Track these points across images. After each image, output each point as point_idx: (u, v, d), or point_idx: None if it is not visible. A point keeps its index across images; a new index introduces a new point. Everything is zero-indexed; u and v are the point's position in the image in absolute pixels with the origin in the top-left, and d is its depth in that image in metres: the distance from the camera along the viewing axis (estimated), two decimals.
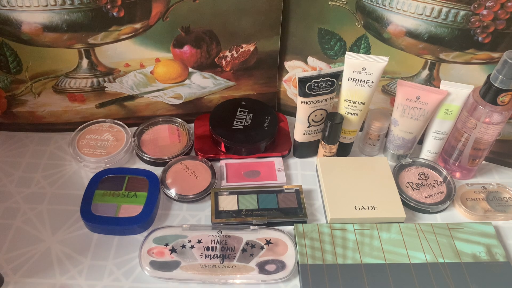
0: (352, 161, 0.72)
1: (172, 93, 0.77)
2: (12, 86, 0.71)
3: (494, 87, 0.60)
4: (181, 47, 0.71)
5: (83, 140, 0.73)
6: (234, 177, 0.71)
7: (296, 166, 0.74)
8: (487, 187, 0.70)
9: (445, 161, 0.73)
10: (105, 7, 0.63)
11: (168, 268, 0.58)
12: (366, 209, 0.65)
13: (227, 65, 0.74)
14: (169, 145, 0.74)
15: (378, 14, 0.64)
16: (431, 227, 0.64)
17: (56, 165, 0.72)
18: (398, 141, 0.72)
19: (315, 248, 0.60)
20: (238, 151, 0.73)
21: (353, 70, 0.64)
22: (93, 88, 0.73)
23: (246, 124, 0.74)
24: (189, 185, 0.68)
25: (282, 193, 0.67)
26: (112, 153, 0.71)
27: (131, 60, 0.71)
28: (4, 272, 0.58)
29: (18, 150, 0.74)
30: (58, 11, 0.63)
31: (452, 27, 0.61)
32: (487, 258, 0.60)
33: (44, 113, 0.75)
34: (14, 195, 0.67)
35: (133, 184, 0.67)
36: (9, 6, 0.61)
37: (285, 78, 0.78)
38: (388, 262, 0.59)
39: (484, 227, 0.64)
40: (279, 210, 0.65)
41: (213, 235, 0.61)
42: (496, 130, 0.65)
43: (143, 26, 0.67)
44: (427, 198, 0.68)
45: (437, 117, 0.68)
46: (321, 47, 0.71)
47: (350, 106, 0.68)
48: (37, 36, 0.65)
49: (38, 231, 0.63)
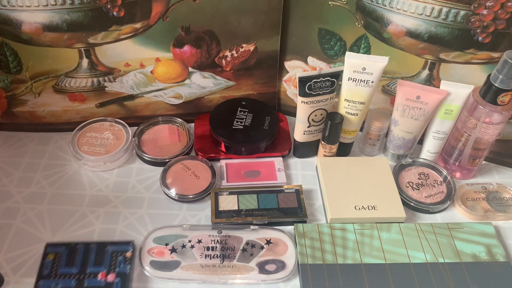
0: (352, 161, 0.72)
1: (172, 92, 0.77)
2: (12, 86, 0.71)
3: (494, 87, 0.60)
4: (181, 47, 0.71)
5: (83, 138, 0.73)
6: (234, 177, 0.71)
7: (296, 166, 0.74)
8: (487, 187, 0.70)
9: (445, 161, 0.73)
10: (105, 7, 0.63)
11: (168, 268, 0.58)
12: (366, 209, 0.65)
13: (227, 65, 0.74)
14: (169, 145, 0.74)
15: (378, 14, 0.64)
16: (431, 227, 0.64)
17: (56, 165, 0.72)
18: (398, 141, 0.72)
19: (315, 248, 0.60)
20: (238, 151, 0.73)
21: (353, 70, 0.64)
22: (93, 87, 0.73)
23: (246, 124, 0.74)
24: (189, 185, 0.68)
25: (282, 193, 0.67)
26: (111, 152, 0.71)
27: (131, 60, 0.71)
28: (4, 272, 0.58)
29: (18, 150, 0.74)
30: (58, 11, 0.63)
31: (452, 27, 0.61)
32: (487, 258, 0.60)
33: (44, 113, 0.75)
34: (14, 195, 0.67)
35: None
36: (9, 6, 0.61)
37: (285, 78, 0.78)
38: (388, 262, 0.59)
39: (484, 227, 0.64)
40: (279, 210, 0.65)
41: (213, 235, 0.61)
42: (496, 130, 0.65)
43: (143, 26, 0.67)
44: (427, 198, 0.68)
45: (437, 117, 0.68)
46: (321, 47, 0.71)
47: (350, 106, 0.68)
48: (37, 35, 0.65)
49: (38, 231, 0.63)
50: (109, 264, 0.58)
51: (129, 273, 0.57)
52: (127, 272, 0.57)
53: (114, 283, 0.56)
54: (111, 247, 0.60)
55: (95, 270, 0.57)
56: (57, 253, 0.59)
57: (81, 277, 0.57)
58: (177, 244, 0.60)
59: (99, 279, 0.57)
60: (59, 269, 0.57)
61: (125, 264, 0.58)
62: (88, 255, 0.59)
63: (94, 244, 0.60)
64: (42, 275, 0.57)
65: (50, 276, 0.56)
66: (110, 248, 0.60)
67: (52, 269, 0.57)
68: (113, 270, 0.57)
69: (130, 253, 0.59)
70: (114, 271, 0.57)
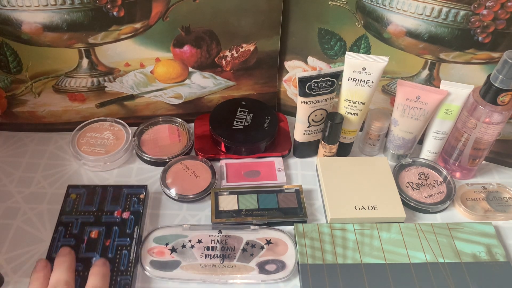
0: (352, 161, 0.72)
1: (172, 92, 0.77)
2: (12, 86, 0.71)
3: (494, 87, 0.60)
4: (181, 47, 0.71)
5: (83, 138, 0.73)
6: (234, 177, 0.71)
7: (296, 166, 0.74)
8: (487, 187, 0.70)
9: (445, 161, 0.73)
10: (105, 7, 0.63)
11: (168, 268, 0.58)
12: (366, 209, 0.65)
13: (227, 65, 0.74)
14: (169, 145, 0.74)
15: (378, 14, 0.64)
16: (431, 227, 0.64)
17: (56, 165, 0.72)
18: (398, 141, 0.72)
19: (315, 248, 0.60)
20: (238, 151, 0.73)
21: (353, 70, 0.64)
22: (93, 87, 0.73)
23: (246, 124, 0.74)
24: (189, 185, 0.68)
25: (282, 193, 0.67)
26: (111, 152, 0.71)
27: (131, 60, 0.71)
28: (4, 272, 0.58)
29: (18, 150, 0.74)
30: (58, 11, 0.63)
31: (452, 27, 0.61)
32: (487, 258, 0.60)
33: (44, 113, 0.75)
34: (14, 195, 0.67)
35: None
36: (9, 6, 0.61)
37: (285, 78, 0.78)
38: (388, 262, 0.59)
39: (484, 227, 0.64)
40: (279, 210, 0.65)
41: (213, 235, 0.61)
42: (496, 130, 0.65)
43: (143, 26, 0.67)
44: (427, 198, 0.68)
45: (437, 117, 0.68)
46: (321, 47, 0.71)
47: (350, 106, 0.68)
48: (37, 35, 0.65)
49: (38, 231, 0.63)
50: (124, 204, 0.64)
51: (142, 212, 0.63)
52: (140, 211, 0.63)
53: (129, 219, 0.62)
54: (126, 190, 0.66)
55: (112, 208, 0.64)
56: (78, 193, 0.65)
57: (99, 214, 0.63)
58: (177, 244, 0.60)
59: (115, 215, 0.63)
60: (79, 207, 0.64)
61: (138, 204, 0.64)
62: (106, 196, 0.65)
63: (111, 187, 0.66)
64: (64, 211, 0.63)
65: (71, 213, 0.63)
66: (126, 191, 0.66)
67: (73, 207, 0.64)
68: (128, 209, 0.63)
69: (143, 195, 0.65)
70: (129, 210, 0.63)
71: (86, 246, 0.59)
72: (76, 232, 0.61)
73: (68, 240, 0.60)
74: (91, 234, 0.60)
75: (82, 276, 0.56)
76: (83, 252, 0.59)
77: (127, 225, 0.61)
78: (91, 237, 0.60)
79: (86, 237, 0.60)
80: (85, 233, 0.61)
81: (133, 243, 0.60)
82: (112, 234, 0.61)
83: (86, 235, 0.60)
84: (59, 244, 0.59)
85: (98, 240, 0.60)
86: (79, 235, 0.60)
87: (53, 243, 0.59)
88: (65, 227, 0.61)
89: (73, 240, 0.60)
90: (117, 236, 0.60)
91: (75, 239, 0.60)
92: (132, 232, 0.61)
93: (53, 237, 0.60)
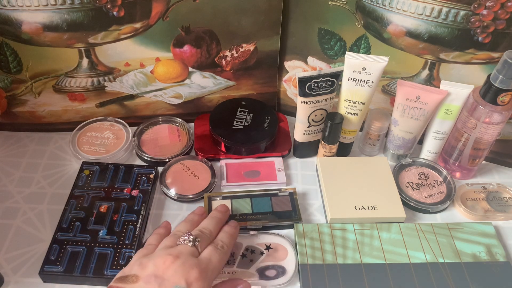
0: (352, 161, 0.72)
1: (172, 92, 0.77)
2: (13, 86, 0.71)
3: (494, 87, 0.60)
4: (181, 47, 0.71)
5: (83, 138, 0.73)
6: (234, 177, 0.71)
7: (296, 166, 0.74)
8: (487, 187, 0.70)
9: (445, 161, 0.73)
10: (105, 6, 0.63)
11: None
12: (366, 209, 0.65)
13: (227, 65, 0.74)
14: (169, 144, 0.74)
15: (378, 14, 0.64)
16: (431, 227, 0.64)
17: (56, 165, 0.72)
18: (398, 141, 0.72)
19: (315, 248, 0.60)
20: (238, 151, 0.73)
21: (353, 70, 0.64)
22: (93, 87, 0.73)
23: (246, 124, 0.74)
24: (189, 185, 0.68)
25: (276, 196, 0.67)
26: (111, 152, 0.71)
27: (131, 60, 0.71)
28: (4, 272, 0.58)
29: (18, 150, 0.74)
30: (58, 11, 0.63)
31: (452, 27, 0.61)
32: (487, 258, 0.60)
33: (44, 113, 0.75)
34: (14, 195, 0.67)
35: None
36: (9, 6, 0.61)
37: (285, 78, 0.78)
38: (388, 262, 0.59)
39: (484, 227, 0.64)
40: (273, 214, 0.65)
41: None
42: (496, 130, 0.65)
43: (143, 25, 0.67)
44: (427, 198, 0.68)
45: (437, 117, 0.68)
46: (321, 47, 0.71)
47: (350, 106, 0.68)
48: (37, 35, 0.65)
49: (38, 231, 0.63)
50: (134, 182, 0.67)
51: (150, 190, 0.66)
52: (149, 189, 0.66)
53: (137, 197, 0.65)
54: (137, 170, 0.69)
55: (122, 185, 0.67)
56: (91, 170, 0.68)
57: (109, 190, 0.66)
58: None
59: (125, 192, 0.66)
60: (91, 183, 0.67)
61: (147, 184, 0.67)
62: (117, 173, 0.68)
63: (123, 166, 0.69)
64: (77, 185, 0.66)
65: (84, 187, 0.66)
66: (136, 170, 0.69)
67: (86, 182, 0.67)
68: (137, 187, 0.67)
69: (153, 175, 0.68)
70: (138, 188, 0.66)
71: (94, 219, 0.62)
72: (86, 205, 0.64)
73: (79, 213, 0.62)
74: (100, 208, 0.63)
75: (89, 246, 0.59)
76: (92, 224, 0.61)
77: (136, 202, 0.64)
78: (100, 211, 0.63)
79: (95, 211, 0.63)
80: (94, 207, 0.63)
81: (140, 219, 0.62)
82: (120, 209, 0.63)
83: (96, 209, 0.63)
84: (70, 216, 0.62)
85: (106, 214, 0.63)
86: (89, 209, 0.63)
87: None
88: (76, 200, 0.64)
89: (83, 213, 0.62)
90: (125, 212, 0.63)
91: (84, 212, 0.63)
92: (139, 208, 0.64)
93: (65, 208, 0.63)
